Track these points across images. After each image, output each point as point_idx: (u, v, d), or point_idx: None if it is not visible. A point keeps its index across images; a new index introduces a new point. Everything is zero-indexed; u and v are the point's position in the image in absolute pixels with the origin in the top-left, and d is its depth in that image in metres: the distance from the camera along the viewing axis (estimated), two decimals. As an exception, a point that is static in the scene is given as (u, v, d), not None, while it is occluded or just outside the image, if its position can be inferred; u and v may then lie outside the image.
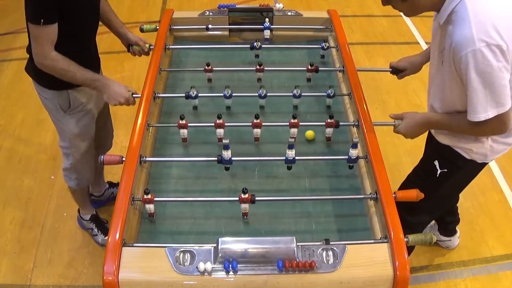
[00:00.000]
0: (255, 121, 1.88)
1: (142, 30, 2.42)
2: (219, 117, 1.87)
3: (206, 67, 2.18)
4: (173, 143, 1.98)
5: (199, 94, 2.05)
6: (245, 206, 1.65)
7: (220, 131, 1.90)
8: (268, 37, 2.41)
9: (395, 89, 3.71)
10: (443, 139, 1.87)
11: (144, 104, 1.93)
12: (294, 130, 1.91)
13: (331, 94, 2.07)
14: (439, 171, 1.90)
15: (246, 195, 1.62)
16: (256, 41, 2.28)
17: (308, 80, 2.25)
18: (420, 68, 2.13)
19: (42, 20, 1.77)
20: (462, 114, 1.66)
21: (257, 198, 1.62)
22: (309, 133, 1.99)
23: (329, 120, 1.91)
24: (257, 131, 1.92)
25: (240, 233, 1.66)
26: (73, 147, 2.24)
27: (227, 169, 1.79)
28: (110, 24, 2.26)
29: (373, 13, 4.68)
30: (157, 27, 2.42)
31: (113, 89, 1.98)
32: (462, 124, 1.68)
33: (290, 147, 1.72)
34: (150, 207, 1.66)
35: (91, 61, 2.12)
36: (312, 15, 2.57)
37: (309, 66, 2.20)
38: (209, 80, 2.23)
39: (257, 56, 2.32)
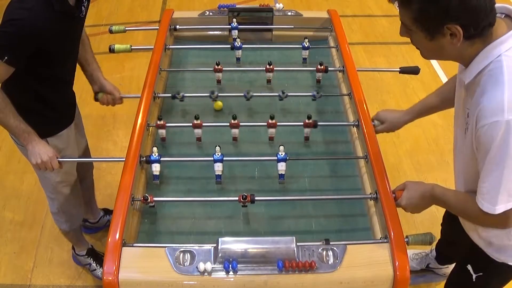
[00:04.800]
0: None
1: (111, 31, 2.37)
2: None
3: (216, 67, 2.16)
4: (173, 143, 1.98)
5: (186, 94, 2.05)
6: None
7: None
8: (235, 36, 2.39)
9: (395, 89, 3.71)
10: (476, 238, 1.61)
11: (144, 104, 1.93)
12: (272, 131, 1.92)
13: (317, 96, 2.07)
14: (474, 276, 1.69)
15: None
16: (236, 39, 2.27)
17: (318, 81, 2.24)
18: (401, 126, 1.88)
19: (6, 58, 1.60)
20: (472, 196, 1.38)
21: (257, 198, 1.62)
22: (218, 104, 2.08)
23: (307, 121, 1.90)
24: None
25: (240, 233, 1.66)
26: (57, 193, 2.12)
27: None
28: (85, 65, 2.06)
29: (373, 13, 4.68)
30: (126, 29, 2.40)
31: (37, 148, 1.80)
32: (469, 208, 1.39)
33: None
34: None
35: (66, 104, 2.03)
36: (312, 15, 2.57)
37: (319, 66, 2.18)
38: (218, 81, 2.21)
39: (238, 59, 2.30)
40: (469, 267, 1.71)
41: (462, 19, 1.19)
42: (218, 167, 1.74)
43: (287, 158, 1.75)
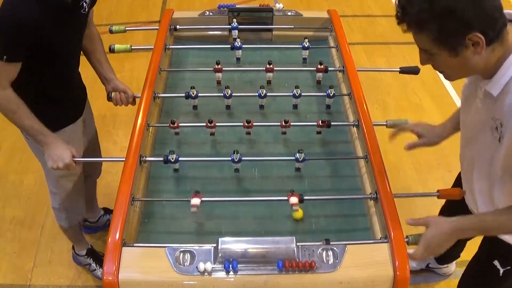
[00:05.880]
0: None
1: (111, 31, 2.37)
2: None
3: (216, 67, 2.15)
4: (173, 143, 1.98)
5: (200, 94, 2.04)
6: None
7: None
8: (235, 36, 2.39)
9: (395, 89, 3.71)
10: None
11: (144, 104, 1.93)
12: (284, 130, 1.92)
13: (331, 94, 2.06)
14: (501, 270, 1.67)
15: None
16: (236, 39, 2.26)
17: (318, 82, 2.23)
18: (439, 142, 1.80)
19: (5, 57, 1.61)
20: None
21: (257, 198, 1.62)
22: (298, 214, 1.72)
23: (320, 121, 1.90)
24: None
25: (240, 233, 1.66)
26: (59, 187, 2.11)
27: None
28: (98, 66, 2.08)
29: (373, 13, 4.68)
30: (126, 29, 2.40)
31: (54, 151, 1.80)
32: None
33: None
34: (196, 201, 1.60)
35: (71, 101, 2.00)
36: (312, 15, 2.57)
37: (319, 65, 2.18)
38: (218, 82, 2.19)
39: (238, 59, 2.29)
40: (496, 262, 1.68)
41: (480, 25, 1.19)
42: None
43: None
